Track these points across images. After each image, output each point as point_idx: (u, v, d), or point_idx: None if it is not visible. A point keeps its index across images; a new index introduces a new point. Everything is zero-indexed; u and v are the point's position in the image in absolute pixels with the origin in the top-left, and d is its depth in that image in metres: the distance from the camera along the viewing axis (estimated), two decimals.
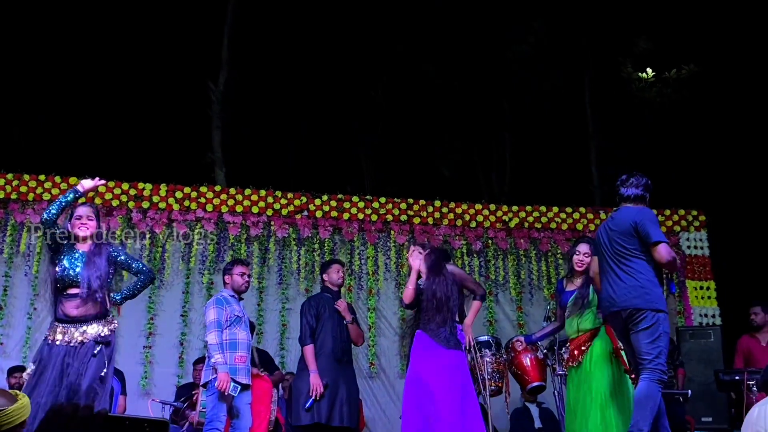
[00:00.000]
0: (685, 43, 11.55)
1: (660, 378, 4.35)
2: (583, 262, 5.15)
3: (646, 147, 12.23)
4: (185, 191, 8.35)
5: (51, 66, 11.77)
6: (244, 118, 12.44)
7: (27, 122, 11.10)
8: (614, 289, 4.52)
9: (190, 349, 7.85)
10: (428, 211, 8.86)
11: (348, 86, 13.06)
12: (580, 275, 5.21)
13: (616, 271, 4.54)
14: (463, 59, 12.84)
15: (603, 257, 4.71)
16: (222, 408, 5.29)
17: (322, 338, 5.69)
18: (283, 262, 8.33)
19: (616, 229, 4.60)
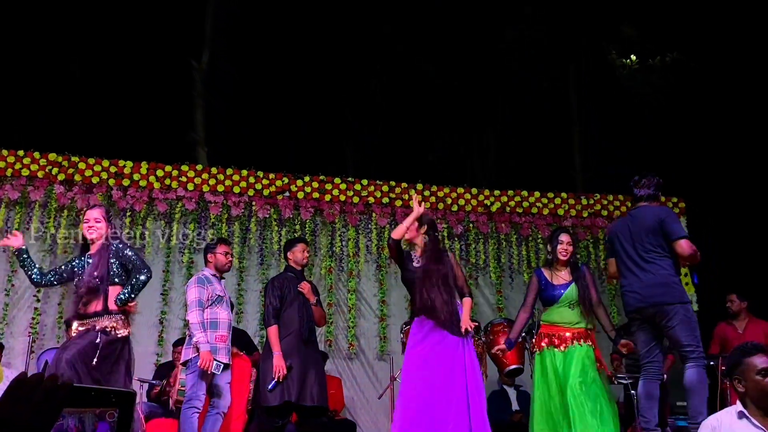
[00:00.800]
0: (670, 31, 11.57)
1: (705, 364, 4.66)
2: (567, 251, 5.21)
3: (628, 134, 12.31)
4: (166, 170, 8.29)
5: (29, 39, 11.59)
6: (227, 98, 12.34)
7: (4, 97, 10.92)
8: (642, 285, 4.76)
9: (170, 328, 7.83)
10: (410, 194, 8.85)
11: (332, 67, 12.98)
12: (565, 265, 5.25)
13: (643, 267, 4.78)
14: (450, 45, 12.80)
15: (625, 256, 4.91)
16: (202, 387, 5.29)
17: (287, 319, 5.59)
18: (264, 242, 8.31)
19: (641, 228, 4.83)
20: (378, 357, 8.17)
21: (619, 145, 12.00)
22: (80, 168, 8.05)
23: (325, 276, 8.44)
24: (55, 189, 7.92)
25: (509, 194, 9.08)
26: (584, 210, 9.13)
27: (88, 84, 11.85)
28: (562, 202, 9.14)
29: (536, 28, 12.19)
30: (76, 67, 11.76)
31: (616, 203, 9.24)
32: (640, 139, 11.86)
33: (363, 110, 13.33)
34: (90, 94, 11.75)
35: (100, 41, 11.79)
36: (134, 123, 11.73)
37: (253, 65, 12.77)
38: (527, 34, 12.20)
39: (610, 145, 12.02)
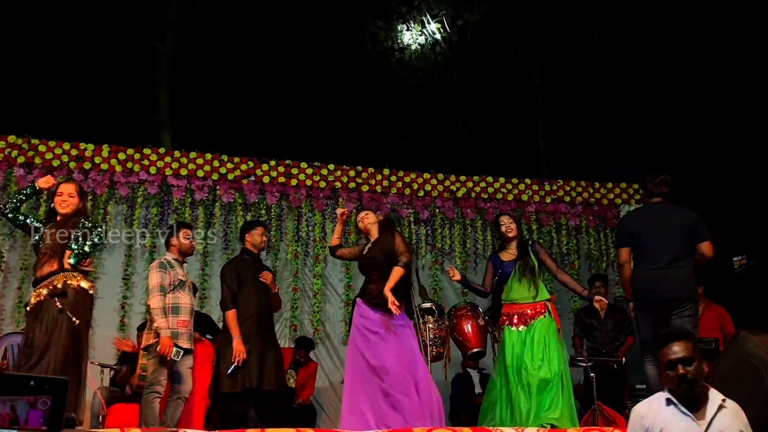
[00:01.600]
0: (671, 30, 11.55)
1: None
2: (510, 228, 5.60)
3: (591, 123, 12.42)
4: (128, 153, 8.18)
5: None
6: (192, 80, 12.18)
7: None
8: (664, 278, 4.95)
9: (132, 312, 7.76)
10: (377, 179, 8.87)
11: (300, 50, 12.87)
12: (512, 241, 5.59)
13: (670, 263, 4.97)
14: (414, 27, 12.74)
15: (648, 250, 5.05)
16: (163, 372, 5.26)
17: (245, 303, 5.56)
18: (228, 227, 8.27)
19: (672, 225, 5.02)
20: (343, 342, 8.18)
21: (620, 146, 12.06)
22: (40, 151, 7.92)
23: (290, 261, 8.43)
24: (15, 172, 7.80)
25: (475, 179, 9.14)
26: (547, 196, 9.23)
27: (49, 65, 11.62)
28: (525, 188, 9.22)
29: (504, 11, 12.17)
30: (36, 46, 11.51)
31: (578, 189, 9.35)
32: (641, 139, 11.92)
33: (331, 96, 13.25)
34: (51, 76, 11.52)
35: (61, 20, 11.54)
36: (96, 105, 11.53)
37: (219, 46, 12.60)
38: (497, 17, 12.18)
39: (611, 146, 12.07)
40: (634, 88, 11.79)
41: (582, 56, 12.13)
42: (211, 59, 12.51)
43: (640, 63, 11.75)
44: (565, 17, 11.91)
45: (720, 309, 7.31)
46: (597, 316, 7.16)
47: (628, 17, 11.68)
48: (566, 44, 12.17)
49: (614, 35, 11.80)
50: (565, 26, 12.01)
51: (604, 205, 9.36)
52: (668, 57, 11.48)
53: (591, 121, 12.35)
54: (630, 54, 11.82)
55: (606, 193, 9.38)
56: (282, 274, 8.37)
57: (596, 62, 12.03)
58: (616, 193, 9.40)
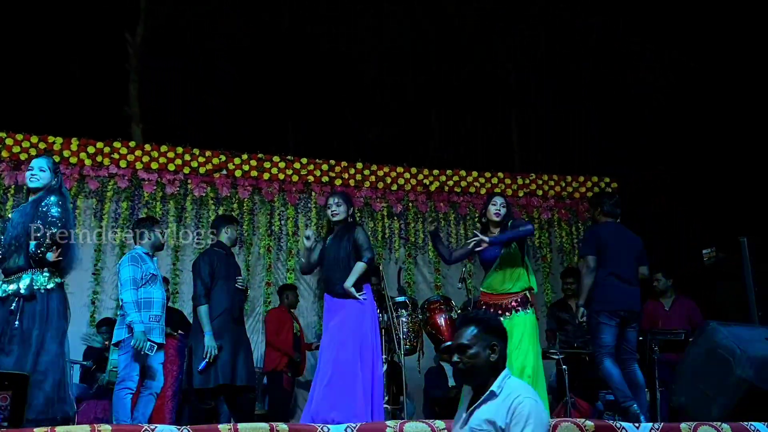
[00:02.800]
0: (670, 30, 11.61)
1: None
2: (499, 213, 5.23)
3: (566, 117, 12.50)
4: (98, 146, 8.07)
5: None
6: (163, 72, 12.04)
7: None
8: (630, 292, 5.36)
9: (102, 308, 7.66)
10: (350, 173, 8.84)
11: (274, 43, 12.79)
12: (497, 226, 5.26)
13: (631, 280, 5.39)
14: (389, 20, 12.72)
15: (615, 263, 5.37)
16: (135, 368, 5.21)
17: (218, 297, 5.49)
18: (200, 221, 8.19)
19: (631, 247, 5.51)
20: (316, 336, 8.16)
21: (619, 146, 12.11)
22: (7, 144, 7.79)
23: (263, 255, 8.38)
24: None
25: (448, 173, 9.15)
26: (520, 189, 9.27)
27: (18, 56, 11.42)
28: (498, 181, 9.25)
29: None
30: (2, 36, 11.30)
31: (551, 183, 9.41)
32: (640, 138, 11.98)
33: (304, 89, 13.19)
34: (19, 68, 11.33)
35: (31, 12, 11.35)
36: (65, 98, 11.37)
37: (191, 39, 12.47)
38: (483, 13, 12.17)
39: (610, 146, 12.12)
40: (632, 87, 11.84)
41: (580, 56, 12.16)
42: (183, 51, 12.39)
43: (638, 62, 11.80)
44: (564, 17, 11.94)
45: (689, 301, 7.39)
46: (569, 310, 7.21)
47: (627, 17, 11.72)
48: (564, 44, 12.19)
49: (613, 35, 11.85)
50: (564, 26, 12.04)
51: (576, 199, 9.43)
52: (667, 57, 11.53)
53: (589, 121, 12.40)
54: (628, 54, 11.87)
55: (578, 187, 9.45)
56: (255, 269, 8.32)
57: (595, 62, 12.07)
58: (588, 187, 9.47)
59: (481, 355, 2.95)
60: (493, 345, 2.98)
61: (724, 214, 9.52)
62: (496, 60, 12.55)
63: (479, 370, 2.97)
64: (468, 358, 2.96)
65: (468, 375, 3.01)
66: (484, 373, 2.97)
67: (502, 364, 3.01)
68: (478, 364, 2.95)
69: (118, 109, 10.96)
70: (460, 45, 12.54)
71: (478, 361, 2.95)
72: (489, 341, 2.97)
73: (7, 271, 4.31)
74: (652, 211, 10.44)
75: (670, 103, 11.56)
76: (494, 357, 2.97)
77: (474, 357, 2.95)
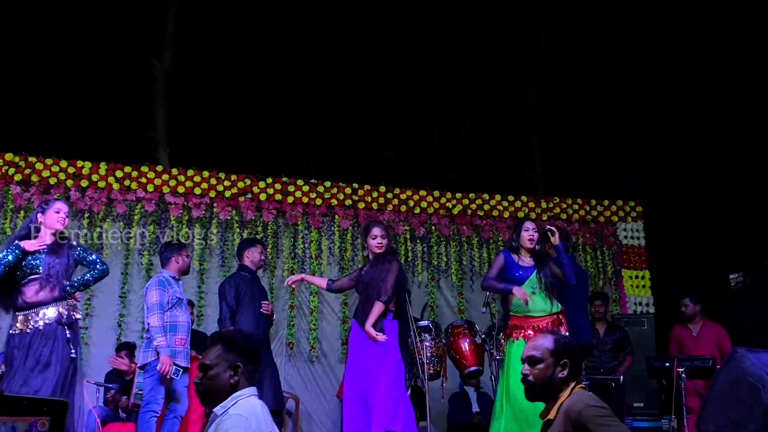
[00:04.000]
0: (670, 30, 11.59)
1: None
2: (534, 239, 5.22)
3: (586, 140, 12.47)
4: (126, 170, 8.18)
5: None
6: (190, 97, 12.21)
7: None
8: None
9: (128, 330, 7.72)
10: (373, 196, 8.88)
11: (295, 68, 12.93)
12: (529, 252, 5.27)
13: None
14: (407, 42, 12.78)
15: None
16: (160, 391, 5.24)
17: (244, 321, 5.53)
18: (225, 244, 8.25)
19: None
20: (340, 360, 8.16)
21: (619, 146, 12.09)
22: (37, 168, 7.91)
23: (287, 278, 8.38)
24: (12, 189, 7.78)
25: (471, 197, 9.15)
26: (544, 213, 9.24)
27: (47, 83, 11.65)
28: (522, 205, 9.24)
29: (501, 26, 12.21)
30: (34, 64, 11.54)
31: (575, 207, 9.37)
32: (640, 139, 11.93)
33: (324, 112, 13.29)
34: (49, 94, 11.54)
35: (59, 39, 11.58)
36: (93, 123, 11.56)
37: (217, 64, 12.66)
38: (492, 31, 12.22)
39: (609, 146, 12.11)
40: (632, 88, 11.80)
41: (581, 56, 12.14)
42: (208, 76, 12.56)
43: (638, 63, 11.77)
44: (564, 17, 11.94)
45: (718, 327, 7.31)
46: (596, 335, 7.14)
47: (627, 17, 11.70)
48: (565, 45, 12.18)
49: (613, 35, 11.82)
50: (564, 27, 12.04)
51: (600, 223, 9.38)
52: (667, 57, 11.49)
53: (590, 122, 12.35)
54: (629, 54, 11.84)
55: (602, 211, 9.40)
56: (278, 292, 8.35)
57: (595, 62, 12.05)
58: (613, 211, 9.42)
59: (222, 376, 2.79)
60: (236, 366, 2.82)
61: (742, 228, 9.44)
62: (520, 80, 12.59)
63: (217, 392, 2.80)
64: (207, 378, 2.81)
65: (205, 396, 2.85)
66: (223, 395, 2.80)
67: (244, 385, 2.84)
68: (216, 385, 2.80)
69: (146, 134, 11.11)
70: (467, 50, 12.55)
71: (217, 382, 2.79)
72: (232, 362, 2.81)
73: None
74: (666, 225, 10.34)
75: (670, 103, 11.50)
76: (235, 378, 2.81)
77: (212, 378, 2.80)
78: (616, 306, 9.01)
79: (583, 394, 2.92)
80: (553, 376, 2.95)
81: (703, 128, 11.09)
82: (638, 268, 9.23)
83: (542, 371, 2.96)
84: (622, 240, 9.35)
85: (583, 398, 2.88)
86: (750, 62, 10.71)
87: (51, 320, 4.42)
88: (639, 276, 9.19)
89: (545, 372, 2.96)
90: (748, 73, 10.71)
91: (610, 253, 9.30)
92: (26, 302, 4.47)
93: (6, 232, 7.61)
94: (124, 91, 11.74)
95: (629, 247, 9.32)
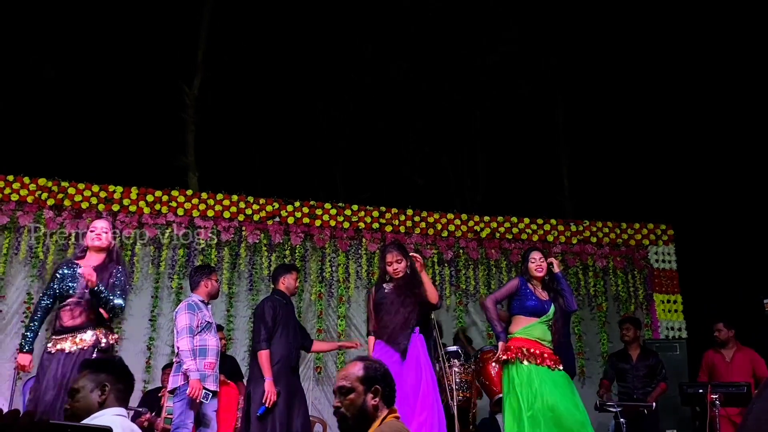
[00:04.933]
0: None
1: None
2: (542, 267, 5.23)
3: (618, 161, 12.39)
4: (156, 195, 8.28)
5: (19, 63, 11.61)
6: (219, 123, 12.37)
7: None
8: None
9: (158, 354, 7.77)
10: (400, 219, 8.88)
11: (322, 93, 13.04)
12: (539, 280, 5.25)
13: None
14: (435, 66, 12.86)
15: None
16: (190, 415, 5.24)
17: (277, 345, 5.47)
18: (253, 268, 8.29)
19: None
20: None
21: (607, 168, 12.05)
22: (70, 193, 8.04)
23: (315, 302, 8.42)
24: (45, 214, 7.90)
25: (499, 220, 9.12)
26: (573, 236, 9.17)
27: (79, 109, 11.87)
28: (551, 228, 9.18)
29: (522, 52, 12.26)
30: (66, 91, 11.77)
31: (605, 230, 9.28)
32: (627, 166, 11.91)
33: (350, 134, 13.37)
34: (80, 119, 11.76)
35: (92, 66, 11.83)
36: (125, 148, 11.75)
37: (246, 90, 12.82)
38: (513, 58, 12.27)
39: (597, 169, 12.08)
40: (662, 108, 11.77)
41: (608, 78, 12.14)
42: (237, 102, 12.72)
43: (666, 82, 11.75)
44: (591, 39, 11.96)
45: (752, 352, 7.16)
46: (629, 360, 7.01)
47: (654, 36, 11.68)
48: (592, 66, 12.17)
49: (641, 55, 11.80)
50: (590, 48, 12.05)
51: (631, 246, 9.28)
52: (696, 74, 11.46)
53: (618, 143, 12.28)
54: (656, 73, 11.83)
55: (633, 234, 9.31)
56: (306, 315, 8.36)
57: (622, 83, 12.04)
58: (644, 234, 9.32)
59: (89, 397, 2.86)
60: (103, 385, 2.89)
61: None
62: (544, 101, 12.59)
63: (85, 412, 2.85)
64: (75, 401, 2.89)
65: (73, 418, 2.86)
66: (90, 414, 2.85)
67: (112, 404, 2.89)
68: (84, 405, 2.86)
69: (176, 159, 11.26)
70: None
71: (83, 403, 2.87)
72: (100, 381, 2.89)
73: None
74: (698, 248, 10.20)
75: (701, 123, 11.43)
76: (102, 397, 2.87)
77: (80, 400, 2.88)
78: (648, 331, 8.87)
79: (394, 425, 2.82)
80: (364, 404, 2.84)
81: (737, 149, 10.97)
82: (670, 292, 9.09)
83: (353, 401, 2.85)
84: (653, 263, 9.24)
85: (394, 429, 2.79)
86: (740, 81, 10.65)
87: (87, 346, 4.46)
88: (671, 300, 9.06)
89: (356, 401, 2.84)
90: (739, 93, 10.65)
91: (642, 277, 9.18)
92: (63, 326, 4.51)
93: (38, 255, 7.73)
94: (154, 117, 11.92)
95: (661, 271, 9.20)
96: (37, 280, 7.72)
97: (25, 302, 7.64)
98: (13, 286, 7.72)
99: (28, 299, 7.64)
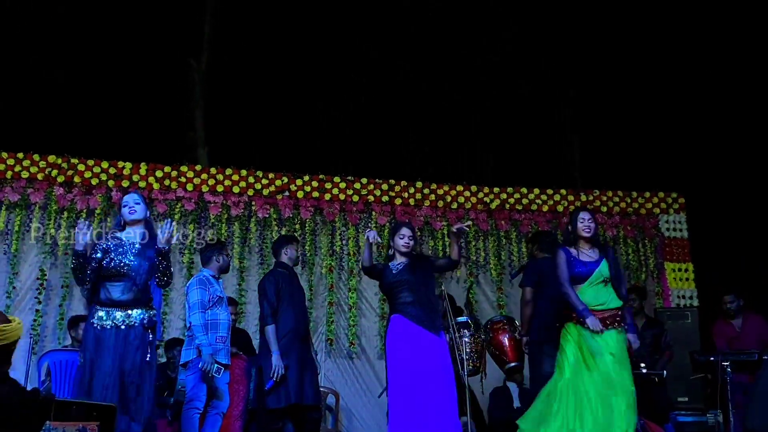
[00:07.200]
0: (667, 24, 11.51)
1: None
2: (591, 228, 5.17)
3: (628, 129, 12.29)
4: (165, 170, 8.30)
5: (27, 41, 11.59)
6: (227, 97, 12.33)
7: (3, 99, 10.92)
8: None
9: (170, 328, 7.84)
10: (410, 192, 8.87)
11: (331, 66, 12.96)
12: (589, 243, 5.19)
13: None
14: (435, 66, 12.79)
15: (547, 294, 5.51)
16: (202, 388, 5.32)
17: (285, 317, 5.53)
18: (264, 242, 8.32)
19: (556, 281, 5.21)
20: (379, 356, 8.18)
21: (618, 138, 11.96)
22: (80, 170, 8.07)
23: (325, 275, 8.45)
24: (55, 191, 7.95)
25: (509, 191, 9.09)
26: (584, 206, 9.12)
27: (87, 85, 11.85)
28: (561, 198, 9.14)
29: None
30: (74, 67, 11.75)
31: (616, 199, 9.24)
32: (638, 134, 11.81)
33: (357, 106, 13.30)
34: (89, 96, 11.75)
35: (99, 41, 11.78)
36: (133, 124, 11.72)
37: (254, 64, 12.75)
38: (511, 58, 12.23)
39: (607, 138, 11.98)
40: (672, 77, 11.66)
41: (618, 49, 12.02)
42: (245, 76, 12.66)
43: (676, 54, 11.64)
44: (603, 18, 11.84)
45: (758, 318, 7.17)
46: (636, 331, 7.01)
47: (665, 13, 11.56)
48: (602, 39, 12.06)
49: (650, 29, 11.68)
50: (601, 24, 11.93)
51: (641, 215, 9.24)
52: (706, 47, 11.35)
53: (629, 112, 12.18)
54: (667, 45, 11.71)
55: (644, 203, 9.26)
56: (317, 289, 8.40)
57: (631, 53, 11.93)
58: (654, 203, 9.27)
59: None
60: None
61: None
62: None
63: None
64: None
65: None
66: None
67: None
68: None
69: (185, 134, 11.25)
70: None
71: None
72: None
73: None
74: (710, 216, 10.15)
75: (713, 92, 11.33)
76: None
77: None
78: (659, 299, 8.87)
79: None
80: None
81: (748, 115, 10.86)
82: (681, 261, 9.07)
83: None
84: (664, 232, 9.20)
85: None
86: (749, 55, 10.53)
87: (136, 323, 4.48)
88: (682, 269, 9.03)
89: None
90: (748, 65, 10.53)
91: (652, 246, 9.15)
92: (110, 299, 4.46)
93: (51, 232, 7.78)
94: (163, 92, 11.89)
95: (672, 239, 9.16)
96: (49, 256, 7.78)
97: (38, 278, 7.72)
98: (26, 263, 7.80)
99: (41, 276, 7.71)
